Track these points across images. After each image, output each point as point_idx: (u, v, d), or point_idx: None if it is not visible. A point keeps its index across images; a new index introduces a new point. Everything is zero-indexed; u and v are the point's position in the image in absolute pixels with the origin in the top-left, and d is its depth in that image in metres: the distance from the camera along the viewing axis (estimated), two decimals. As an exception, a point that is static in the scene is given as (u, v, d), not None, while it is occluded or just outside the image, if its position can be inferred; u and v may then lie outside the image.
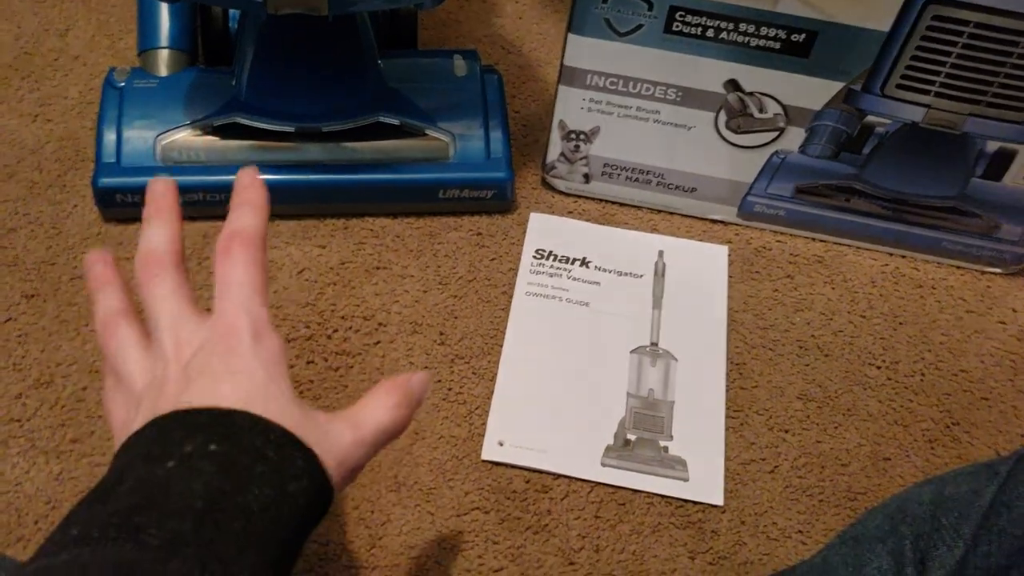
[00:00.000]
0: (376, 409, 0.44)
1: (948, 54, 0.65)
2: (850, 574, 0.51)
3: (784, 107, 0.71)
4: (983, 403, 0.71)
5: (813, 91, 0.69)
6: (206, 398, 0.39)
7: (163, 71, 0.77)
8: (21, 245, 0.73)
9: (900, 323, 0.75)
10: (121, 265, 0.72)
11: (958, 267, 0.78)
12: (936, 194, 0.73)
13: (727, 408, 0.69)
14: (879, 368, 0.72)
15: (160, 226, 0.46)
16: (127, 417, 0.42)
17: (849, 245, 0.79)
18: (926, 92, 0.67)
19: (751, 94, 0.70)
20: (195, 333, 0.42)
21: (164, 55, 0.78)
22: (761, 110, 0.71)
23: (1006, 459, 0.49)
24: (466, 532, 0.63)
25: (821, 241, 0.79)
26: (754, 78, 0.69)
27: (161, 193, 0.48)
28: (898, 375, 0.72)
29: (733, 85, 0.70)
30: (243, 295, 0.43)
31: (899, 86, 0.68)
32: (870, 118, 0.70)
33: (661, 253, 0.76)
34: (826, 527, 0.65)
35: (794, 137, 0.73)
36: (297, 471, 0.38)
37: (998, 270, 0.77)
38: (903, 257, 0.78)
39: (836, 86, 0.69)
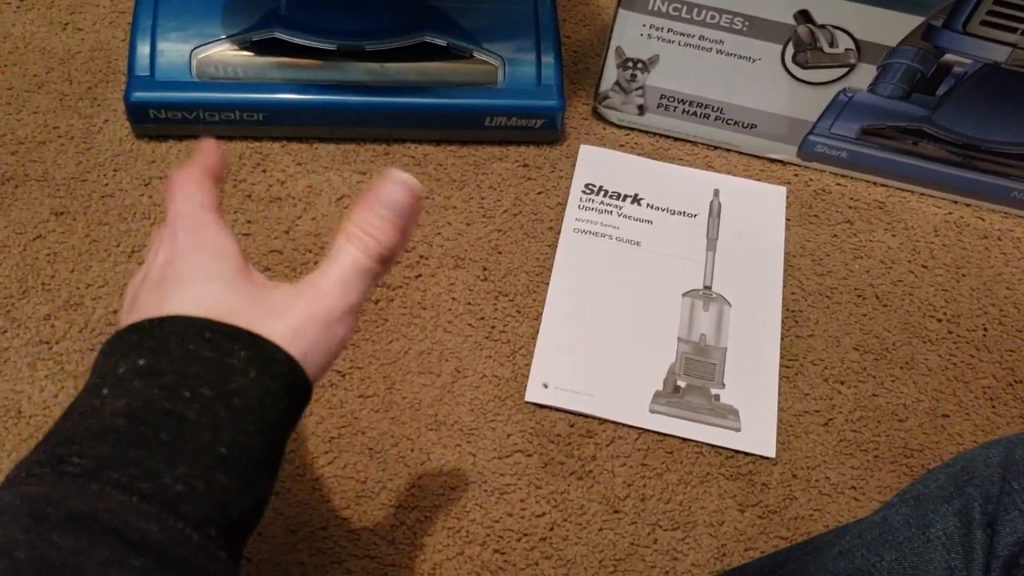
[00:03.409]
0: (338, 251, 0.39)
1: (1043, -10, 0.61)
2: (913, 535, 0.49)
3: (856, 42, 0.67)
4: (1047, 361, 0.68)
5: (889, 25, 0.65)
6: (149, 310, 0.37)
7: (200, -20, 0.74)
8: (51, 159, 0.70)
9: (963, 275, 0.72)
10: (153, 186, 0.69)
11: (1026, 218, 0.75)
12: (1013, 140, 0.70)
13: (781, 357, 0.67)
14: (940, 321, 0.69)
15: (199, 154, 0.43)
16: None
17: (912, 191, 0.75)
18: (1013, 30, 0.63)
19: (823, 26, 0.66)
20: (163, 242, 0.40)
21: (201, -37, 0.74)
22: (832, 44, 0.67)
23: None
24: (508, 475, 0.61)
25: (883, 186, 0.75)
26: (827, 9, 0.65)
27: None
28: (959, 329, 0.69)
29: (804, 16, 0.66)
30: (173, 193, 0.41)
31: (984, 23, 0.63)
32: (948, 57, 0.66)
33: (717, 192, 0.73)
34: (880, 484, 0.62)
35: (864, 75, 0.69)
36: (240, 363, 0.35)
37: (1068, 223, 0.74)
38: (968, 206, 0.75)
39: (914, 21, 0.65)
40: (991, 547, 0.46)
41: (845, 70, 0.69)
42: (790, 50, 0.68)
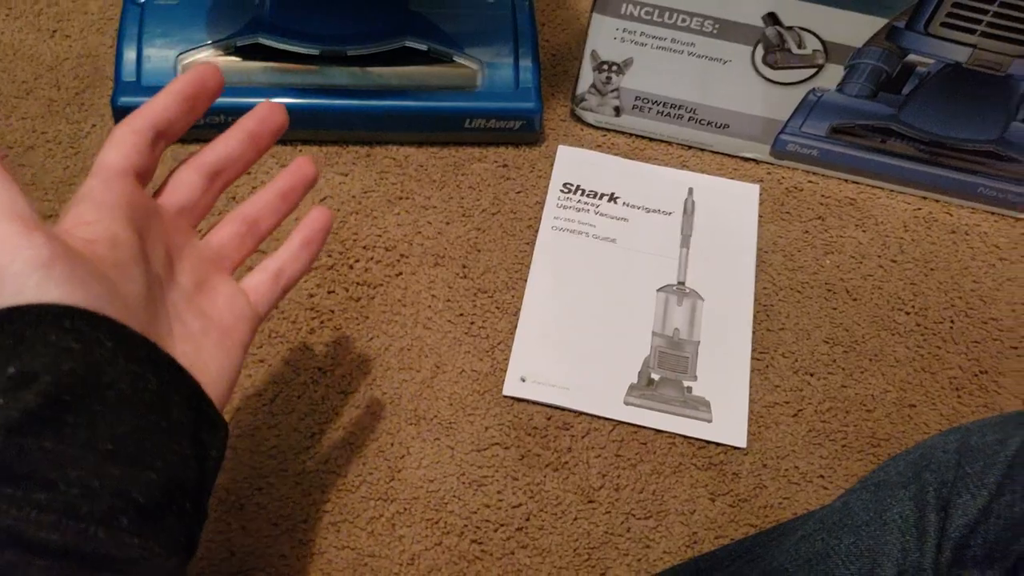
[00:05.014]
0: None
1: (999, -8, 0.62)
2: (871, 519, 0.51)
3: (823, 43, 0.69)
4: (1012, 352, 0.70)
5: (854, 27, 0.67)
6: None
7: (185, -12, 0.75)
8: (39, 164, 0.72)
9: (931, 269, 0.73)
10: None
11: (993, 213, 0.76)
12: (975, 137, 0.71)
13: (753, 350, 0.68)
14: (908, 314, 0.71)
15: None
16: None
17: (882, 188, 0.77)
18: (972, 31, 0.65)
19: (790, 28, 0.68)
20: None
21: (186, -29, 0.76)
22: (800, 45, 0.69)
23: None
24: (485, 467, 0.63)
25: (854, 183, 0.77)
26: (794, 12, 0.67)
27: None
28: (927, 321, 0.71)
29: (772, 19, 0.68)
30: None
31: (944, 24, 0.65)
32: (911, 57, 0.68)
33: (691, 190, 0.75)
34: (848, 472, 0.64)
35: (832, 75, 0.70)
36: (108, 353, 0.35)
37: (1034, 217, 0.76)
38: (937, 202, 0.77)
39: (879, 22, 0.66)
40: (943, 529, 0.48)
41: (813, 71, 0.70)
42: (760, 52, 0.70)
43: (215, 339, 0.43)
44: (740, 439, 0.65)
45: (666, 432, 0.65)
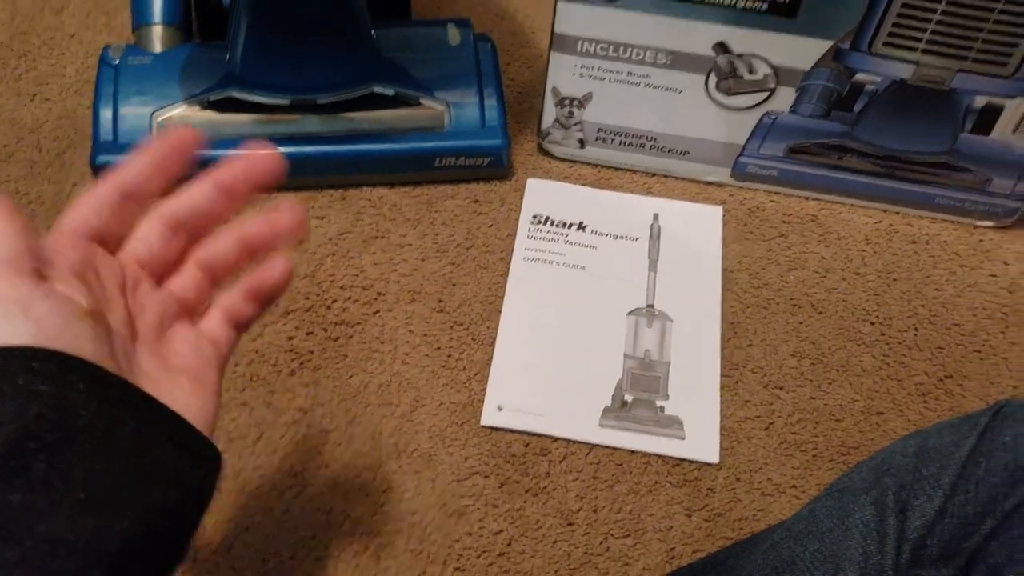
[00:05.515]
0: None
1: (933, 11, 0.65)
2: (835, 525, 0.52)
3: (774, 68, 0.71)
4: (975, 355, 0.72)
5: (801, 51, 0.70)
6: None
7: (157, 47, 0.78)
8: (24, 225, 0.74)
9: (894, 279, 0.76)
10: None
11: (951, 221, 0.79)
12: (927, 150, 0.74)
13: (722, 367, 0.70)
14: (873, 324, 0.73)
15: None
16: None
17: (842, 203, 0.79)
18: (913, 49, 0.68)
19: (740, 56, 0.71)
20: None
21: (158, 31, 0.79)
22: (751, 71, 0.72)
23: (986, 411, 0.50)
24: (466, 496, 0.64)
25: (814, 200, 0.79)
26: (743, 40, 0.70)
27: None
28: (892, 330, 0.73)
29: (722, 47, 0.70)
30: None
31: (886, 43, 0.68)
32: (859, 76, 0.71)
33: (656, 216, 0.77)
34: (819, 482, 0.66)
35: (785, 97, 0.73)
36: (82, 397, 0.34)
37: (990, 223, 0.78)
38: (896, 213, 0.79)
39: (824, 45, 0.69)
40: (902, 531, 0.49)
41: (766, 94, 0.73)
42: (713, 80, 0.73)
43: (186, 387, 0.44)
44: (713, 455, 0.67)
45: (641, 452, 0.67)
